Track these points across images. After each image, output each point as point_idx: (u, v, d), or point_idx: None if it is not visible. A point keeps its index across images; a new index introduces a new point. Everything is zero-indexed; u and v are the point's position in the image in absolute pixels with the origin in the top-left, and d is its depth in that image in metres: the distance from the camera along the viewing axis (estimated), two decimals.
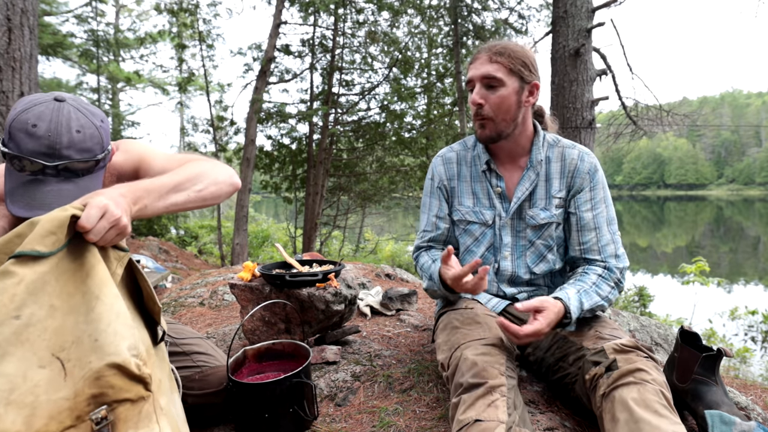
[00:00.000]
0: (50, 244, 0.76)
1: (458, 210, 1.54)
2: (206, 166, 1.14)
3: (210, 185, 1.09)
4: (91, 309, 0.77)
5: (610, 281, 1.36)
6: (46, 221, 0.77)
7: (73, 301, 0.77)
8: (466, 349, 1.21)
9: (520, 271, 1.49)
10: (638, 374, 1.07)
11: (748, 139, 78.78)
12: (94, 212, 0.82)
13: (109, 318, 0.78)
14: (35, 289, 0.74)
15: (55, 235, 0.77)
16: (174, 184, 1.02)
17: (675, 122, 6.61)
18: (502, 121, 1.40)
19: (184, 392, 1.24)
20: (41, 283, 0.75)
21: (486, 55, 1.39)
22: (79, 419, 0.74)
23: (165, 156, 1.23)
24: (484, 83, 1.38)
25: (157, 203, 0.97)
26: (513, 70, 1.36)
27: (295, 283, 1.63)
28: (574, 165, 1.44)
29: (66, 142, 0.97)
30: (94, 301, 0.78)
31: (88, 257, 0.81)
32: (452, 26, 10.63)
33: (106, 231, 0.83)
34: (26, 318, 0.73)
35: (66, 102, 1.00)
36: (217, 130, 10.70)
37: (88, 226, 0.81)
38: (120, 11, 16.41)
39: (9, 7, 2.85)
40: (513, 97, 1.38)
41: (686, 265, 5.81)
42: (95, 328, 0.77)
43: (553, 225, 1.45)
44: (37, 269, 0.75)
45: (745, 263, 15.31)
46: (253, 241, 13.37)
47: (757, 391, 1.61)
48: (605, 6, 5.42)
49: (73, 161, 0.98)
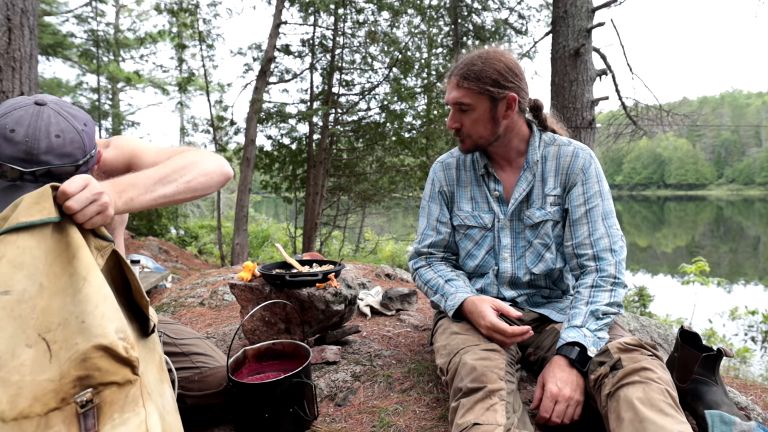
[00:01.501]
0: (36, 212, 0.75)
1: (458, 215, 1.54)
2: (195, 156, 1.12)
3: (199, 176, 1.07)
4: (78, 290, 0.76)
5: (605, 286, 1.31)
6: (28, 196, 0.77)
7: (60, 282, 0.76)
8: (465, 354, 1.21)
9: (520, 272, 1.48)
10: (643, 373, 1.07)
11: (748, 139, 78.76)
12: (78, 181, 0.82)
13: (97, 300, 0.77)
14: (21, 263, 0.74)
15: (39, 204, 0.76)
16: (160, 176, 1.00)
17: (675, 122, 6.61)
18: (480, 137, 1.42)
19: (183, 393, 1.24)
20: (29, 257, 0.74)
21: (455, 80, 1.40)
22: (63, 401, 0.73)
23: (155, 150, 1.20)
24: (456, 108, 1.40)
25: (144, 196, 0.96)
26: (481, 92, 1.36)
27: (295, 283, 1.63)
28: (569, 162, 1.44)
29: (44, 147, 0.93)
30: (81, 283, 0.77)
31: (74, 238, 0.80)
32: (452, 26, 10.64)
33: (88, 203, 0.82)
34: (18, 294, 0.72)
35: (47, 106, 0.97)
36: (217, 130, 10.70)
37: (70, 192, 0.80)
38: (120, 11, 16.41)
39: (9, 7, 2.85)
40: (486, 116, 1.39)
41: (686, 265, 5.81)
42: (82, 310, 0.76)
43: (549, 223, 1.45)
44: (19, 243, 0.74)
45: (745, 263, 15.31)
46: (253, 241, 13.37)
47: (757, 391, 1.61)
48: (605, 6, 5.43)
49: (52, 167, 0.94)
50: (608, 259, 1.34)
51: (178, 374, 1.25)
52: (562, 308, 1.50)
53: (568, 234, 1.43)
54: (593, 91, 5.36)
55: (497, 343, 1.26)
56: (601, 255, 1.35)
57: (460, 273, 1.55)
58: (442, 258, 1.59)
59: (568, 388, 1.16)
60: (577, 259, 1.40)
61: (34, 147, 0.93)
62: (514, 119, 1.43)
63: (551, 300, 1.54)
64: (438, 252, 1.58)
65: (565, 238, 1.44)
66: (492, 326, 1.26)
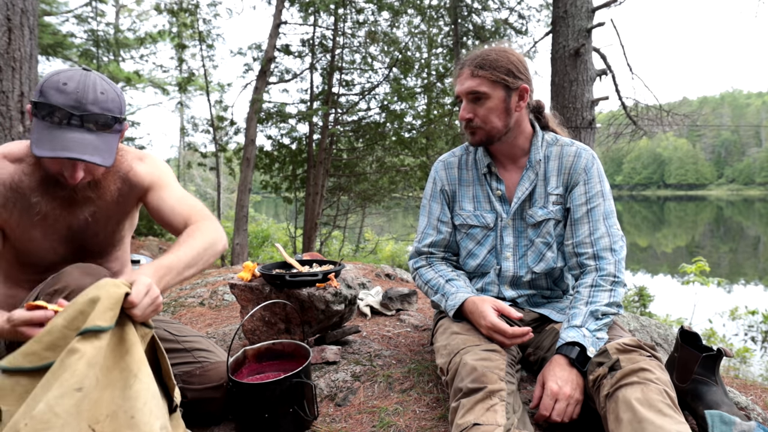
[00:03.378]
0: (109, 319, 0.83)
1: (459, 214, 1.54)
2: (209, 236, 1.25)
3: (211, 257, 1.23)
4: (128, 386, 0.82)
5: (605, 286, 1.32)
6: (105, 299, 0.85)
7: (111, 375, 0.82)
8: (465, 354, 1.21)
9: (522, 271, 1.48)
10: (642, 374, 1.07)
11: (748, 139, 78.74)
12: (142, 289, 0.94)
13: (146, 397, 0.83)
14: (94, 363, 0.79)
15: (113, 311, 0.84)
16: (189, 261, 1.16)
17: (675, 122, 6.61)
18: (493, 128, 1.42)
19: (184, 387, 1.26)
20: (100, 357, 0.81)
21: (468, 70, 1.40)
22: None
23: (178, 193, 1.37)
24: (470, 98, 1.40)
25: (175, 278, 1.11)
26: (496, 81, 1.37)
27: (295, 283, 1.63)
28: (571, 162, 1.44)
29: (91, 99, 1.11)
30: (132, 379, 0.83)
31: (129, 334, 0.87)
32: (452, 26, 10.63)
33: (147, 307, 0.94)
34: (86, 390, 0.77)
35: (92, 72, 1.16)
36: (217, 130, 10.71)
37: (136, 302, 0.91)
38: (120, 11, 16.40)
39: (9, 7, 2.85)
40: (501, 106, 1.39)
41: (686, 265, 5.81)
42: (132, 406, 0.81)
43: (551, 222, 1.45)
44: (96, 344, 0.81)
45: (745, 263, 15.31)
46: (253, 241, 13.37)
47: (757, 391, 1.61)
48: (605, 6, 5.42)
49: (96, 114, 1.11)
50: (608, 258, 1.35)
51: (179, 369, 1.29)
52: (561, 308, 1.50)
53: (568, 233, 1.43)
54: (593, 91, 5.36)
55: (497, 344, 1.26)
56: (601, 254, 1.35)
57: (461, 273, 1.55)
58: (442, 258, 1.59)
59: (569, 387, 1.16)
60: (577, 258, 1.40)
61: (82, 98, 1.10)
62: (523, 114, 1.45)
63: (551, 300, 1.54)
64: (438, 251, 1.58)
65: (566, 237, 1.44)
66: (493, 326, 1.26)
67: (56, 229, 1.25)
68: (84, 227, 1.30)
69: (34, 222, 1.21)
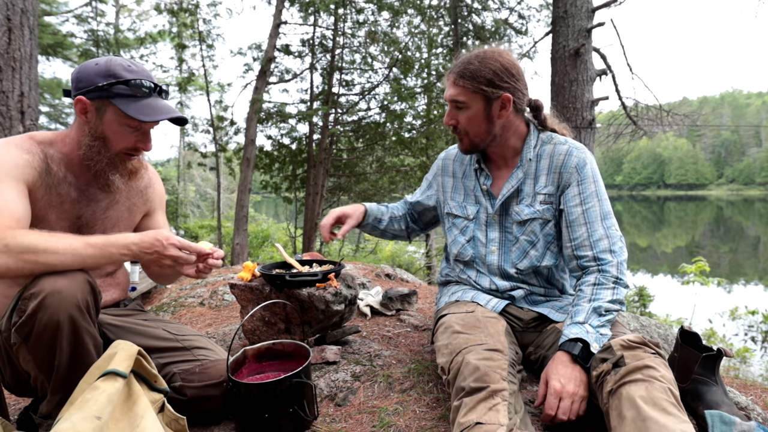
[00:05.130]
0: (125, 367, 1.01)
1: (448, 203, 1.65)
2: None
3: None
4: (136, 425, 0.96)
5: (607, 284, 1.31)
6: (121, 351, 1.03)
7: (119, 425, 0.95)
8: (467, 354, 1.21)
9: (506, 266, 1.51)
10: (646, 371, 1.06)
11: (748, 139, 78.74)
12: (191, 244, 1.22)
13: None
14: (112, 399, 0.95)
15: (128, 361, 1.03)
16: None
17: (675, 122, 6.61)
18: (476, 136, 1.47)
19: (184, 385, 1.26)
20: (116, 396, 0.96)
21: (452, 77, 1.44)
22: None
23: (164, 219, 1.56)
24: (453, 105, 1.45)
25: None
26: (475, 91, 1.39)
27: (295, 283, 1.63)
28: (562, 160, 1.44)
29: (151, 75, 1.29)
30: (139, 420, 0.97)
31: (135, 389, 1.03)
32: (452, 26, 10.64)
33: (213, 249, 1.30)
34: (103, 422, 0.92)
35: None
36: (217, 130, 10.71)
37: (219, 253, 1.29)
38: (120, 11, 16.41)
39: (9, 7, 2.85)
40: (480, 115, 1.43)
41: (686, 265, 5.81)
42: None
43: (537, 221, 1.46)
44: (115, 385, 0.98)
45: (745, 263, 15.31)
46: (253, 241, 13.38)
47: (757, 391, 1.61)
48: (605, 6, 5.43)
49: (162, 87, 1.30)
50: (609, 260, 1.34)
51: (179, 367, 1.31)
52: (561, 307, 1.50)
53: (566, 235, 1.42)
54: (593, 91, 5.36)
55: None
56: (602, 256, 1.35)
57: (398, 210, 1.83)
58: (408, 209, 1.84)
59: (572, 384, 1.16)
60: (577, 261, 1.39)
61: (149, 75, 1.27)
62: (511, 119, 1.46)
63: (549, 299, 1.54)
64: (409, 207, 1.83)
65: (564, 240, 1.43)
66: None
67: (68, 216, 1.27)
68: (92, 221, 1.33)
69: (53, 203, 1.24)
